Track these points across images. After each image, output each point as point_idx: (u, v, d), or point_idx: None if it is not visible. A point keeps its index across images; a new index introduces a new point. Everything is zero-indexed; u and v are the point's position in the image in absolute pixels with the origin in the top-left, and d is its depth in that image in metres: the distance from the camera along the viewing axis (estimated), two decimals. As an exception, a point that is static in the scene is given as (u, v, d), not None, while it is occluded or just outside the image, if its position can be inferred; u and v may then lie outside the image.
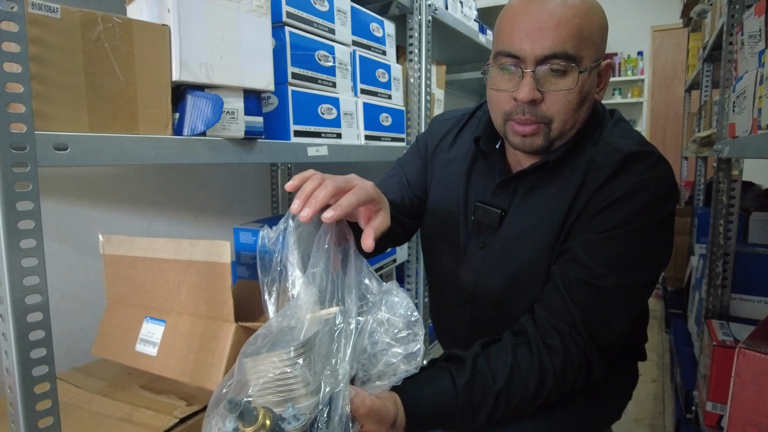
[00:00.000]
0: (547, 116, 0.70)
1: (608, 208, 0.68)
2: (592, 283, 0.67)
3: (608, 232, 0.68)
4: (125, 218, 1.24)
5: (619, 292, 0.67)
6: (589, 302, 0.67)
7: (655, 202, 0.67)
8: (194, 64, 0.74)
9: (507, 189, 0.78)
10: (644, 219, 0.67)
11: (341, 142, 1.10)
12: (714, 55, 2.12)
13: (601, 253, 0.67)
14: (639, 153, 0.70)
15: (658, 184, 0.68)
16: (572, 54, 0.66)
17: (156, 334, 0.86)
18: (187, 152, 0.74)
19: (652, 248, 0.69)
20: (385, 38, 1.29)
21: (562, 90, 0.68)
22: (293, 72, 0.96)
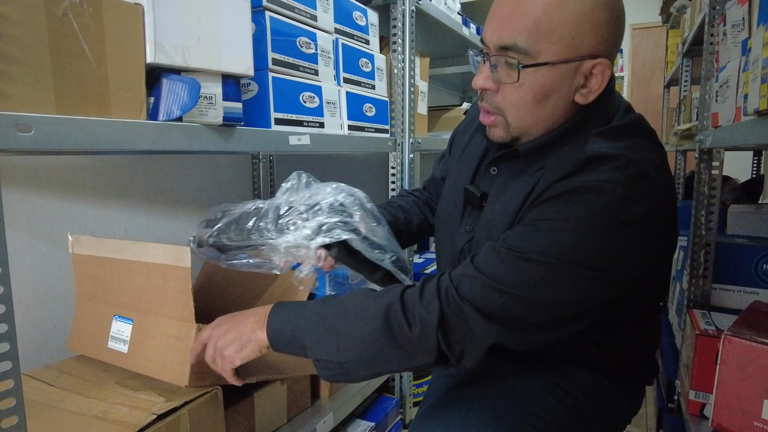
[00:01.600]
0: (500, 108, 0.69)
1: (545, 201, 0.64)
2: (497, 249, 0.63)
3: (537, 221, 0.63)
4: (101, 211, 1.20)
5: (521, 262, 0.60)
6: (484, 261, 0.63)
7: (603, 205, 0.59)
8: (170, 46, 0.71)
9: (492, 173, 0.77)
10: (579, 219, 0.60)
11: (324, 131, 1.07)
12: (693, 50, 2.15)
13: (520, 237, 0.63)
14: (603, 156, 0.63)
15: (609, 187, 0.60)
16: (523, 47, 0.63)
17: (125, 332, 0.87)
18: (163, 138, 0.71)
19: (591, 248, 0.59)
20: (368, 27, 1.26)
21: (510, 84, 0.66)
22: (274, 58, 0.93)
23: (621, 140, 0.66)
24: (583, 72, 0.65)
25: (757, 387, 0.73)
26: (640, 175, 0.61)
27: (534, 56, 0.64)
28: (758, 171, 2.74)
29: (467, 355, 0.63)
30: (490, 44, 0.67)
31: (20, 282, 1.03)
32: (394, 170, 1.46)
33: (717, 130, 1.00)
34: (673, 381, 1.40)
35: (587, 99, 0.67)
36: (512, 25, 0.64)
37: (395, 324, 0.63)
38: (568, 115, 0.69)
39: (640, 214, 0.59)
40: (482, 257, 0.64)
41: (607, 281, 0.61)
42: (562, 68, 0.64)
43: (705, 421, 1.06)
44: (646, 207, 0.60)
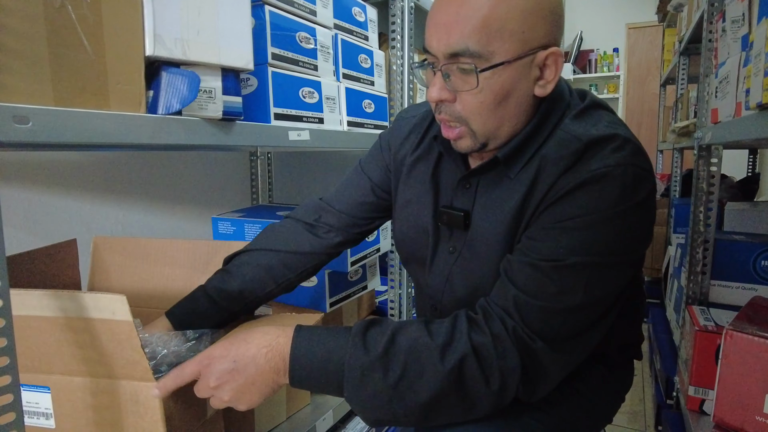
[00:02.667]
0: (462, 117, 0.65)
1: (562, 199, 0.62)
2: (533, 263, 0.61)
3: (559, 223, 0.61)
4: (98, 208, 1.19)
5: (573, 271, 0.59)
6: (528, 281, 0.61)
7: (618, 192, 0.59)
8: (169, 38, 0.70)
9: (468, 188, 0.73)
10: (602, 210, 0.59)
11: (323, 127, 1.06)
12: (690, 48, 2.15)
13: (549, 244, 0.61)
14: (600, 138, 0.63)
15: (620, 171, 0.60)
16: (476, 50, 0.60)
17: (43, 403, 0.69)
18: (162, 132, 0.70)
19: (615, 236, 0.60)
20: (367, 23, 1.26)
21: (469, 90, 0.63)
22: (273, 53, 0.92)
23: (600, 119, 0.67)
24: (538, 64, 0.64)
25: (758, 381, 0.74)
26: (637, 151, 0.63)
27: (488, 58, 0.61)
28: (754, 169, 2.75)
29: (540, 391, 0.62)
30: (437, 53, 0.63)
31: (16, 279, 1.02)
32: (393, 167, 1.45)
33: (716, 126, 1.01)
34: (672, 377, 1.40)
35: (546, 90, 0.66)
36: (459, 29, 0.60)
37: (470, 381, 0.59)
38: (531, 110, 0.67)
39: (650, 188, 0.62)
40: (522, 279, 0.61)
41: (634, 261, 0.63)
42: (518, 65, 0.62)
43: (704, 417, 1.06)
44: (651, 180, 0.63)
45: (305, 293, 1.17)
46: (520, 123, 0.67)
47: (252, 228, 1.19)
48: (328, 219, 0.88)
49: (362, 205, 0.89)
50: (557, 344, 0.60)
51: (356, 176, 0.91)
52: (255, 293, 0.84)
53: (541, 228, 0.64)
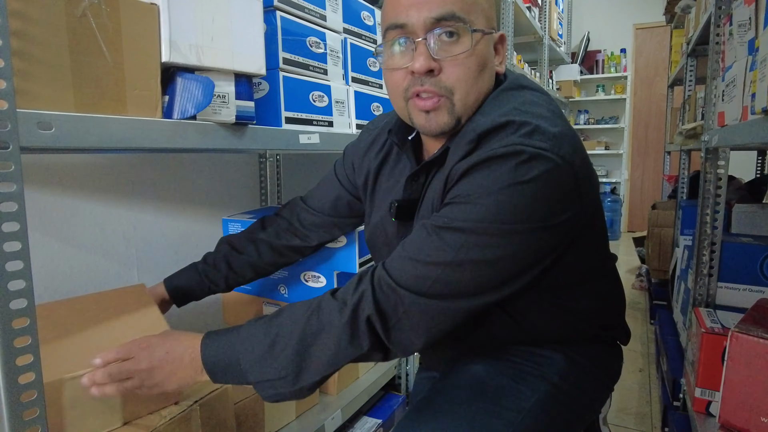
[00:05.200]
0: (448, 87, 0.66)
1: (457, 181, 0.64)
2: (422, 226, 0.64)
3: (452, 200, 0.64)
4: (111, 209, 1.21)
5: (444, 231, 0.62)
6: (412, 240, 0.64)
7: (503, 170, 0.60)
8: (184, 45, 0.72)
9: (416, 182, 0.74)
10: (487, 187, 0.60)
11: (333, 130, 1.08)
12: (698, 49, 2.15)
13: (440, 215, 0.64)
14: (491, 129, 0.64)
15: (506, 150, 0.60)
16: (460, 15, 0.63)
17: None
18: (177, 136, 0.72)
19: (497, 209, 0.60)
20: (375, 27, 1.27)
21: (459, 54, 0.64)
22: (284, 57, 0.94)
23: (509, 103, 0.67)
24: (493, 43, 0.70)
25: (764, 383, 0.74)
26: (532, 133, 0.62)
27: (470, 23, 0.64)
28: (762, 170, 2.74)
29: (407, 341, 0.64)
30: (417, 23, 0.64)
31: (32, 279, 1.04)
32: (401, 169, 1.46)
33: (723, 129, 1.01)
34: (678, 379, 1.40)
35: (502, 68, 0.71)
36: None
37: (326, 312, 0.64)
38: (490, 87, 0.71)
39: (547, 167, 0.60)
40: (409, 239, 0.66)
41: (530, 234, 0.61)
42: (488, 39, 0.67)
43: (711, 419, 1.07)
44: (548, 159, 0.60)
45: (313, 294, 1.18)
46: (481, 100, 0.70)
47: (262, 229, 1.21)
48: (305, 217, 0.99)
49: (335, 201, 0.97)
50: (430, 295, 0.62)
51: (330, 178, 0.99)
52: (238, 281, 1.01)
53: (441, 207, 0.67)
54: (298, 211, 1.00)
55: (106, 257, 1.21)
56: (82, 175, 1.14)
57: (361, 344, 0.63)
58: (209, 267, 0.99)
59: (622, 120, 5.12)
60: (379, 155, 0.84)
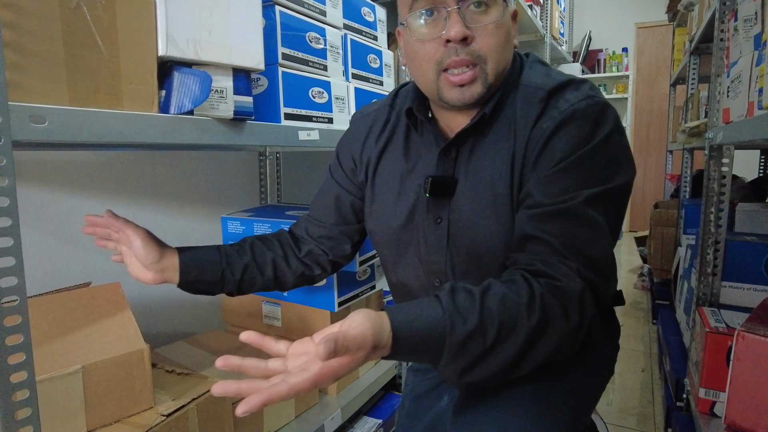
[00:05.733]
0: (482, 55, 0.67)
1: (546, 144, 0.67)
2: (559, 209, 0.64)
3: (557, 166, 0.65)
4: (109, 206, 1.20)
5: (590, 205, 0.64)
6: (565, 227, 0.63)
7: (592, 122, 0.66)
8: (181, 39, 0.71)
9: (449, 156, 0.74)
10: (587, 142, 0.65)
11: (332, 127, 1.07)
12: (701, 47, 2.13)
13: (557, 188, 0.65)
14: (560, 84, 0.69)
15: (585, 104, 0.66)
16: None
17: None
18: (174, 131, 0.71)
19: (607, 161, 0.66)
20: (376, 23, 1.26)
21: (491, 23, 0.66)
22: (284, 53, 0.93)
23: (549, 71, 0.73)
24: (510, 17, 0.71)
25: (771, 383, 0.73)
26: (591, 87, 0.70)
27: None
28: (766, 169, 2.72)
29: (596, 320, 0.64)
30: None
31: (28, 277, 1.03)
32: (401, 167, 1.45)
33: (728, 126, 1.00)
34: (682, 379, 1.39)
35: (516, 43, 0.73)
36: None
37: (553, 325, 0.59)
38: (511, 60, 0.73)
39: (615, 114, 0.68)
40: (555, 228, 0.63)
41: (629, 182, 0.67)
42: (508, 11, 0.70)
43: (715, 419, 1.06)
44: (612, 108, 0.68)
45: (314, 293, 1.17)
46: (507, 70, 0.72)
47: (261, 227, 1.20)
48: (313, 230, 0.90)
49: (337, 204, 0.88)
50: (604, 275, 0.64)
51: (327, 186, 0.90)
52: (254, 278, 0.85)
53: (542, 177, 0.66)
54: (305, 225, 0.91)
55: (104, 255, 1.20)
56: (80, 173, 1.13)
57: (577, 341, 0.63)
58: (231, 250, 0.84)
59: (624, 119, 5.11)
60: (379, 142, 0.82)
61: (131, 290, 1.26)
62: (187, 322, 1.41)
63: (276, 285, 0.87)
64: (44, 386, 0.68)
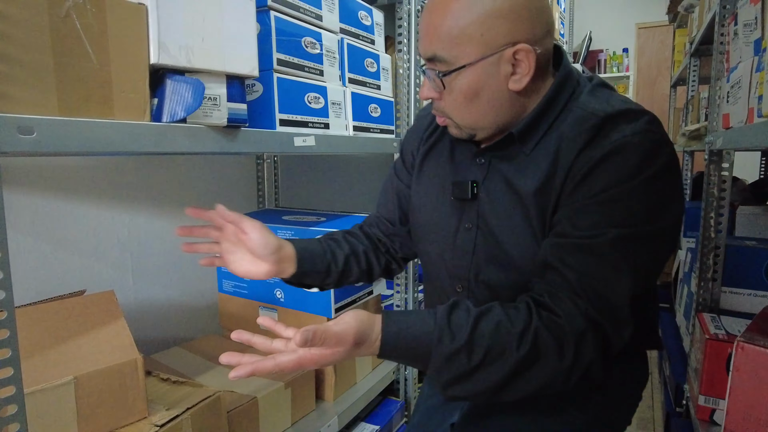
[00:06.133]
0: (445, 112, 0.72)
1: (589, 174, 0.64)
2: (583, 244, 0.62)
3: (594, 198, 0.63)
4: (104, 212, 1.19)
5: (617, 246, 0.61)
6: (585, 264, 0.62)
7: (641, 159, 0.62)
8: (174, 46, 0.70)
9: (480, 165, 0.76)
10: (631, 179, 0.61)
11: (329, 132, 1.06)
12: (701, 49, 2.12)
13: (588, 221, 0.63)
14: (617, 113, 0.65)
15: (639, 138, 0.62)
16: (441, 56, 0.67)
17: None
18: (166, 140, 0.70)
19: (650, 203, 0.62)
20: (373, 27, 1.25)
21: (442, 90, 0.70)
22: (279, 58, 0.92)
23: (611, 97, 0.70)
24: (507, 61, 0.66)
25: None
26: (651, 121, 0.65)
27: (452, 62, 0.67)
28: (767, 172, 2.71)
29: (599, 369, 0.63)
30: (423, 58, 0.71)
31: (23, 284, 1.02)
32: (399, 171, 1.44)
33: (728, 132, 0.99)
34: (682, 384, 1.38)
35: (522, 84, 0.68)
36: (430, 38, 0.68)
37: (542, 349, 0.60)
38: (514, 103, 0.70)
39: (671, 153, 0.64)
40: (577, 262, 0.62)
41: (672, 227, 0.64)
42: (482, 65, 0.66)
43: (714, 427, 1.05)
44: (669, 145, 0.64)
45: (310, 298, 1.17)
46: (501, 116, 0.71)
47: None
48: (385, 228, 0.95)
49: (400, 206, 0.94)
50: (615, 317, 0.62)
51: (390, 183, 0.96)
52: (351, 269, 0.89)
53: (577, 206, 0.65)
54: (376, 222, 0.96)
55: (100, 261, 1.19)
56: (74, 177, 1.13)
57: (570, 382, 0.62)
58: (331, 241, 0.89)
59: (625, 120, 5.09)
60: (429, 139, 0.86)
61: (127, 296, 1.25)
62: (184, 327, 1.40)
63: (367, 277, 0.93)
64: (35, 398, 0.67)
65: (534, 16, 0.66)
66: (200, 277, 1.44)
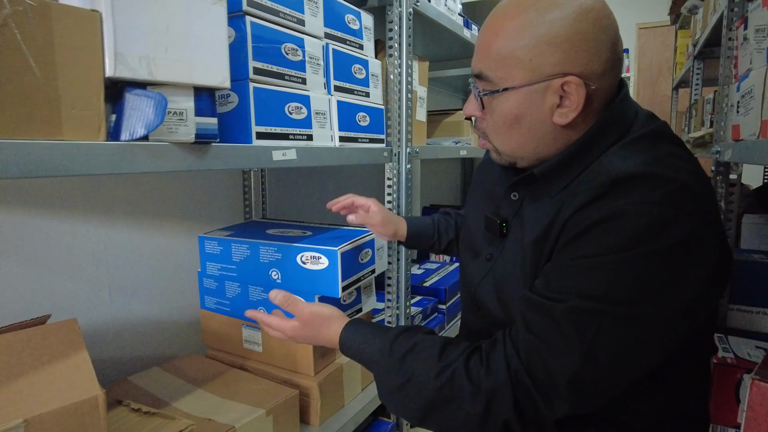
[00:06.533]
0: (485, 133, 0.72)
1: (581, 234, 0.58)
2: (545, 305, 0.58)
3: (575, 260, 0.57)
4: (78, 227, 1.13)
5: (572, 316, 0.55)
6: (539, 326, 0.58)
7: (643, 231, 0.53)
8: (132, 57, 0.64)
9: (515, 199, 0.74)
10: (622, 250, 0.54)
11: (312, 144, 1.00)
12: (705, 52, 2.06)
13: (558, 283, 0.59)
14: (635, 176, 0.57)
15: (647, 208, 0.54)
16: (487, 75, 0.66)
17: None
18: (125, 160, 0.64)
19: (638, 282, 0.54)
20: (362, 31, 1.19)
21: (485, 110, 0.69)
22: (255, 67, 0.85)
23: (646, 152, 0.61)
24: (554, 92, 0.62)
25: (788, 436, 0.66)
26: (677, 190, 0.55)
27: (496, 83, 0.65)
28: (771, 176, 2.65)
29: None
30: (472, 74, 0.70)
31: (-14, 307, 0.96)
32: (391, 181, 1.38)
33: (739, 145, 0.92)
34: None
35: (567, 118, 0.63)
36: (480, 55, 0.66)
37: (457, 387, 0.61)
38: (558, 137, 0.66)
39: (686, 234, 0.53)
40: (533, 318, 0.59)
41: (671, 316, 0.55)
42: (526, 91, 0.63)
43: (725, 458, 0.98)
44: (690, 224, 0.54)
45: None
46: (541, 148, 0.67)
47: (239, 249, 1.13)
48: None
49: None
50: (545, 392, 0.57)
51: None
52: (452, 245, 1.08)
53: (558, 264, 0.61)
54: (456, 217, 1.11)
55: (74, 279, 1.13)
56: (46, 191, 1.06)
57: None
58: (440, 215, 1.09)
59: (625, 121, 5.03)
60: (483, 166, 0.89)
61: (104, 315, 1.19)
62: (165, 346, 1.34)
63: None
64: (-21, 445, 0.61)
65: (593, 49, 0.61)
66: (183, 292, 1.37)
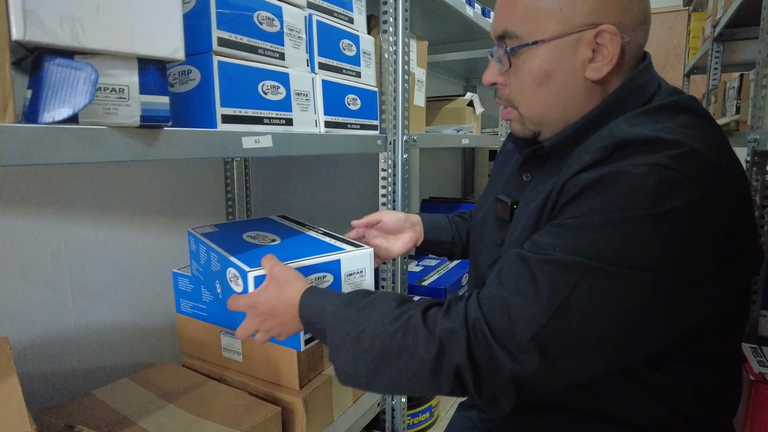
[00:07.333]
0: (510, 100, 0.67)
1: (576, 196, 0.54)
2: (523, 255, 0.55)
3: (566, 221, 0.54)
4: (34, 225, 1.00)
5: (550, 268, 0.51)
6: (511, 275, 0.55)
7: (640, 193, 0.49)
8: (50, 17, 0.50)
9: (525, 182, 0.71)
10: (616, 211, 0.50)
11: (292, 129, 0.86)
12: (726, 33, 1.91)
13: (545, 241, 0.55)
14: (639, 139, 0.53)
15: (645, 170, 0.50)
16: (513, 32, 0.62)
17: None
18: (43, 148, 0.51)
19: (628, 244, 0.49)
20: (351, 2, 1.05)
21: (512, 72, 0.65)
22: (220, 37, 0.72)
23: (662, 121, 0.56)
24: (587, 44, 0.59)
25: None
26: (683, 155, 0.50)
27: (524, 38, 0.62)
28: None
29: (500, 398, 0.55)
30: (492, 38, 0.67)
31: None
32: (385, 172, 1.25)
33: (788, 130, 0.79)
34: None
35: (601, 72, 0.60)
36: (503, 14, 0.63)
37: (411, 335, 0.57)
38: (584, 95, 0.62)
39: (690, 199, 0.49)
40: (508, 270, 0.56)
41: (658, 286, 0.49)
42: (557, 44, 0.60)
43: (761, 486, 0.87)
44: (697, 191, 0.49)
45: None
46: (570, 110, 0.63)
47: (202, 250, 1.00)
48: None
49: None
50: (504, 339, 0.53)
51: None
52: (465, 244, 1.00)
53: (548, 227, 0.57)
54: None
55: (30, 283, 1.00)
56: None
57: (440, 387, 0.56)
58: (456, 216, 1.02)
59: (632, 110, 4.89)
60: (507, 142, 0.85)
61: (66, 321, 1.06)
62: (138, 354, 1.22)
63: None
64: None
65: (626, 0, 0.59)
66: (158, 294, 1.25)
